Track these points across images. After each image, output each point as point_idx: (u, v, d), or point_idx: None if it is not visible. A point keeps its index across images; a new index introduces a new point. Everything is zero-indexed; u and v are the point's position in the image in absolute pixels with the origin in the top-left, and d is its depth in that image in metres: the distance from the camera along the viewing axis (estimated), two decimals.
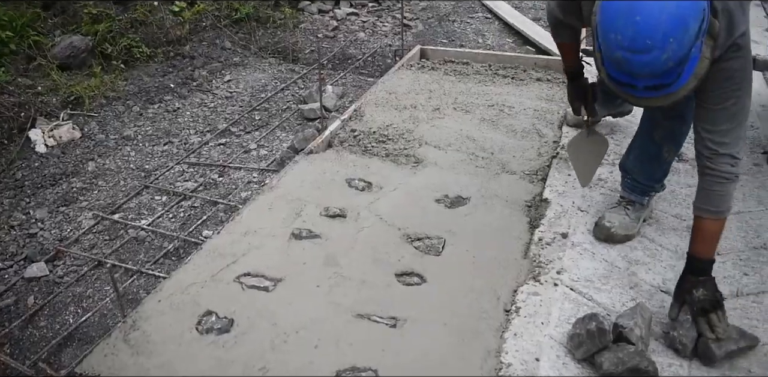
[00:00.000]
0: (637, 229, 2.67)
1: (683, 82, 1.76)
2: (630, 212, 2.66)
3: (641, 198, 2.69)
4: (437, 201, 2.99)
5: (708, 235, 2.10)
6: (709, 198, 2.06)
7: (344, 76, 5.27)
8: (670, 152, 2.57)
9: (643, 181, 2.66)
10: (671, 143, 2.54)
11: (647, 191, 2.69)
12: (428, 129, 3.68)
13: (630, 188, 2.71)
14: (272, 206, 2.96)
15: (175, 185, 3.69)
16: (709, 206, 2.06)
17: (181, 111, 4.59)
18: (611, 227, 2.62)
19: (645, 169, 2.64)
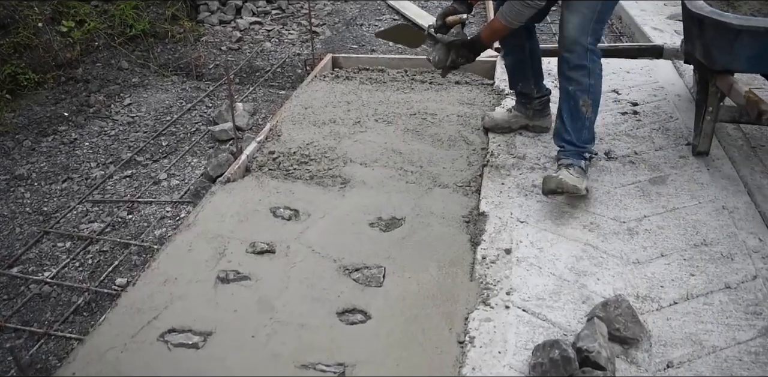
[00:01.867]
0: (584, 185, 2.77)
1: None
2: (572, 171, 2.77)
3: (578, 161, 2.81)
4: (371, 225, 2.80)
5: (493, 27, 2.84)
6: (507, 7, 2.68)
7: (254, 90, 5.00)
8: (587, 107, 2.79)
9: (577, 142, 2.83)
10: (582, 94, 2.77)
11: (582, 153, 2.84)
12: (351, 145, 3.49)
13: (566, 152, 2.86)
14: (192, 246, 2.69)
15: (79, 227, 3.34)
16: (502, 12, 2.71)
17: (79, 142, 4.21)
18: (558, 175, 2.73)
19: (573, 129, 2.83)
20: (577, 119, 2.82)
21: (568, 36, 2.72)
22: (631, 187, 2.98)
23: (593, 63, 2.76)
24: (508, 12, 2.69)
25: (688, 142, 3.33)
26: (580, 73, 2.75)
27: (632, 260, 2.51)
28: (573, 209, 2.82)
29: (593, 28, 2.72)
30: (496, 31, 2.84)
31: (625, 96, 3.91)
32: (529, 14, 2.67)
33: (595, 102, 2.82)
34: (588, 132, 2.85)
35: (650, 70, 4.30)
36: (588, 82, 2.76)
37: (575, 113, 2.81)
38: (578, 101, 2.78)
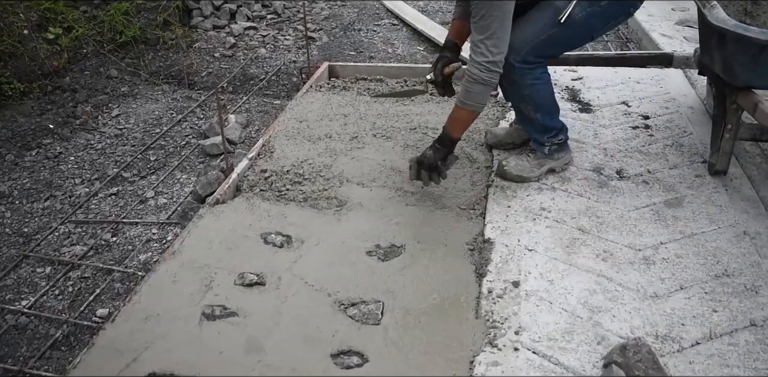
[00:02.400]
0: (536, 174, 2.91)
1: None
2: (530, 159, 2.92)
3: (540, 148, 2.90)
4: (369, 253, 2.62)
5: (453, 117, 2.68)
6: (462, 90, 2.55)
7: (247, 100, 4.82)
8: (529, 110, 2.78)
9: (533, 134, 2.91)
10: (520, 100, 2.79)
11: (542, 142, 2.88)
12: (348, 162, 3.31)
13: (530, 138, 2.96)
14: (176, 277, 2.51)
15: (60, 251, 3.16)
16: (459, 96, 2.59)
17: (64, 156, 4.03)
18: (506, 165, 2.92)
19: (526, 124, 2.93)
20: (526, 118, 2.85)
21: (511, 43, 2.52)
22: (646, 210, 2.80)
23: (524, 75, 2.65)
24: (466, 96, 2.56)
25: (704, 159, 3.15)
26: (510, 84, 2.73)
27: (650, 294, 2.33)
28: (585, 235, 2.64)
29: (526, 52, 2.58)
30: (462, 120, 2.69)
31: (635, 108, 3.72)
32: (489, 92, 2.56)
33: (539, 106, 2.76)
34: (539, 126, 2.83)
35: (661, 80, 4.12)
36: (521, 92, 2.73)
37: (523, 114, 2.85)
38: (519, 105, 2.82)
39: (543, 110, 2.77)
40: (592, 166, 3.14)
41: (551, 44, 2.59)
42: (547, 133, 2.85)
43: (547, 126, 2.84)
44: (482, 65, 2.44)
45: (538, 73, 2.68)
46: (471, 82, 2.49)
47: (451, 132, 2.69)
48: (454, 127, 2.69)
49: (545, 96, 2.76)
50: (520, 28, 2.53)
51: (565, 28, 2.50)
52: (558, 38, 2.57)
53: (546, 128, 2.84)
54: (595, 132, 3.45)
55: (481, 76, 2.45)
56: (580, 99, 3.87)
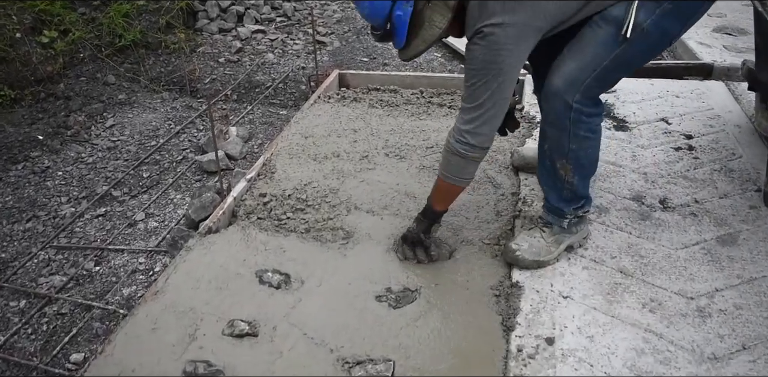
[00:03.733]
0: (554, 255, 2.35)
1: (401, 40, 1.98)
2: (546, 236, 2.35)
3: (558, 220, 2.34)
4: (378, 298, 2.28)
5: (436, 188, 2.30)
6: (442, 159, 2.18)
7: (251, 110, 4.49)
8: (565, 170, 2.20)
9: (553, 202, 2.33)
10: (559, 157, 2.18)
11: (562, 214, 2.33)
12: (357, 186, 2.97)
13: (546, 207, 2.38)
14: (157, 324, 2.18)
15: (37, 281, 2.85)
16: (440, 167, 2.20)
17: (51, 171, 3.72)
18: (517, 249, 2.32)
19: (550, 187, 2.32)
20: (555, 180, 2.26)
21: (552, 83, 2.03)
22: (696, 248, 2.44)
23: (579, 125, 2.08)
24: (445, 167, 2.18)
25: (758, 187, 2.79)
26: (557, 133, 2.12)
27: (707, 356, 1.98)
28: (628, 279, 2.29)
29: (588, 85, 2.00)
30: (444, 192, 2.29)
31: (676, 126, 3.36)
32: (471, 167, 2.15)
33: (579, 168, 2.20)
34: (570, 193, 2.27)
35: (702, 94, 3.76)
36: (567, 145, 2.13)
37: (551, 174, 2.25)
38: (554, 163, 2.20)
39: (582, 173, 2.22)
40: (631, 194, 2.79)
41: (617, 68, 2.00)
42: (574, 202, 2.30)
43: (578, 194, 2.28)
44: (460, 136, 2.06)
45: (594, 125, 2.12)
46: (449, 152, 2.12)
47: (434, 204, 2.34)
48: (436, 199, 2.33)
49: (592, 158, 2.21)
50: (572, 56, 2.00)
51: (632, 43, 1.91)
52: (625, 58, 1.97)
53: (576, 196, 2.28)
54: (633, 154, 3.10)
55: (456, 148, 2.08)
56: (614, 115, 3.51)
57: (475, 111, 2.00)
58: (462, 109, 2.05)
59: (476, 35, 1.90)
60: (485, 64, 1.92)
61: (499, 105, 2.00)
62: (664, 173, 2.96)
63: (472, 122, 2.02)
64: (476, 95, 1.98)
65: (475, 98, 1.98)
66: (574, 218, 2.33)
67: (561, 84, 2.01)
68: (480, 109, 1.99)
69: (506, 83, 1.95)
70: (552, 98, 2.05)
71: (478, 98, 1.98)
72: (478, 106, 1.99)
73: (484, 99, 1.97)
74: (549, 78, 2.05)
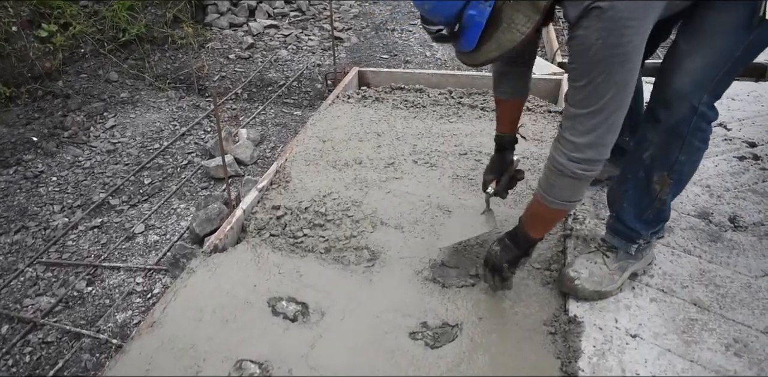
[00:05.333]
0: (617, 285, 2.01)
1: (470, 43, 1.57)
2: (609, 262, 2.02)
3: (626, 245, 2.01)
4: (412, 336, 1.94)
5: (533, 212, 1.85)
6: (544, 180, 1.72)
7: (263, 110, 4.16)
8: (663, 184, 1.86)
9: (629, 222, 1.97)
10: (662, 168, 1.83)
11: (635, 238, 1.99)
12: (383, 198, 2.64)
13: (614, 229, 2.04)
14: (152, 363, 1.86)
15: (22, 303, 2.53)
16: (541, 188, 1.74)
17: (45, 177, 3.41)
18: (576, 278, 1.98)
19: (632, 203, 1.95)
20: (642, 196, 1.91)
21: (675, 85, 1.69)
22: None
23: (696, 133, 1.75)
24: (549, 190, 1.71)
25: None
26: (670, 141, 1.78)
27: None
28: (704, 314, 1.95)
29: (718, 81, 1.69)
30: (544, 218, 1.84)
31: (736, 132, 3.01)
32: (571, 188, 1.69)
33: (678, 183, 1.88)
34: (654, 214, 1.94)
35: (759, 97, 3.40)
36: (676, 156, 1.79)
37: (642, 188, 1.89)
38: (652, 175, 1.85)
39: (676, 190, 1.91)
40: (696, 211, 2.44)
41: (744, 59, 1.67)
42: (653, 225, 1.98)
43: (662, 216, 1.97)
44: (576, 152, 1.61)
45: (709, 133, 1.80)
46: (556, 174, 1.66)
47: (530, 231, 1.86)
48: (533, 225, 1.86)
49: (693, 173, 1.89)
50: (697, 49, 1.66)
51: (764, 29, 1.58)
52: (754, 48, 1.65)
53: (658, 218, 1.96)
54: None
55: (572, 169, 1.62)
56: None
57: (594, 117, 1.56)
58: (571, 117, 1.60)
59: (588, 14, 1.46)
60: (606, 51, 1.48)
61: (625, 103, 1.57)
62: (729, 186, 2.61)
63: (591, 131, 1.57)
64: (595, 96, 1.54)
65: (594, 99, 1.54)
66: (646, 243, 1.99)
67: (688, 84, 1.66)
68: (601, 113, 1.55)
69: (632, 73, 1.52)
70: (676, 102, 1.69)
71: (598, 99, 1.54)
72: (599, 110, 1.55)
73: (608, 99, 1.53)
74: (669, 79, 1.70)
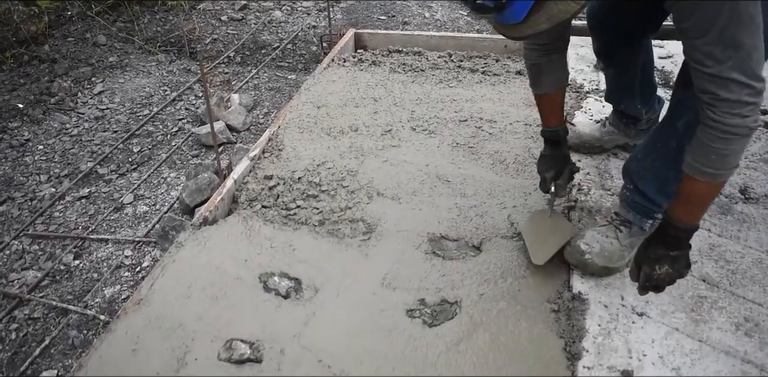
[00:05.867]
0: (626, 261, 1.91)
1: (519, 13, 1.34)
2: (622, 237, 1.91)
3: (641, 220, 1.91)
4: (410, 313, 1.86)
5: (696, 198, 1.55)
6: (706, 156, 1.46)
7: (257, 74, 4.02)
8: None
9: (650, 194, 1.84)
10: None
11: (652, 212, 1.88)
12: (379, 167, 2.53)
13: (629, 202, 1.91)
14: (138, 344, 1.78)
15: (8, 277, 2.46)
16: (706, 166, 1.46)
17: (32, 145, 3.29)
18: (586, 252, 1.87)
19: (656, 175, 1.80)
20: (669, 166, 1.72)
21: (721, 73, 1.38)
22: None
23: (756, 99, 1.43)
24: (720, 163, 1.45)
25: None
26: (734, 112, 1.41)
27: None
28: (714, 291, 1.87)
29: None
30: (706, 198, 1.56)
31: None
32: (743, 148, 1.45)
33: None
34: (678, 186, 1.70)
35: None
36: None
37: (672, 157, 1.68)
38: (684, 144, 1.59)
39: None
40: None
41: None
42: None
43: None
44: (742, 104, 1.37)
45: None
46: (726, 140, 1.42)
47: (694, 220, 1.59)
48: (697, 213, 1.59)
49: None
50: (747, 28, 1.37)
51: None
52: None
53: None
54: None
55: (746, 124, 1.39)
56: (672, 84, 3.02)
57: (739, 54, 1.34)
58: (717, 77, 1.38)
59: None
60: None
61: (760, 37, 1.36)
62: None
63: (745, 74, 1.36)
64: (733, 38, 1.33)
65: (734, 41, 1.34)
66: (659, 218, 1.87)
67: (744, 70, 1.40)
68: (747, 49, 1.35)
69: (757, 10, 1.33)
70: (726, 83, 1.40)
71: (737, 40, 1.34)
72: (744, 47, 1.34)
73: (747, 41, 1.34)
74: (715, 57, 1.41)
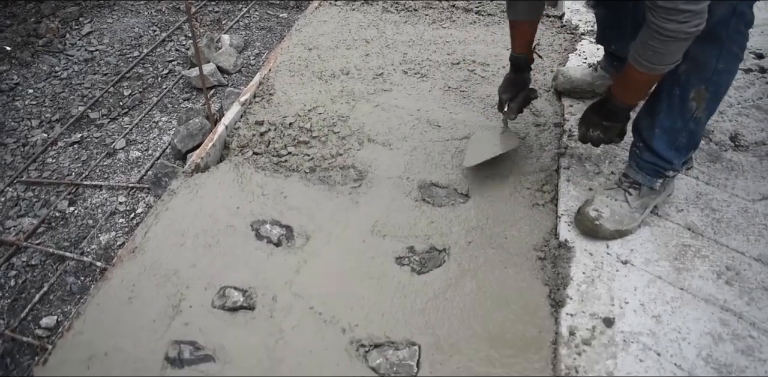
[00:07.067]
0: (638, 222, 1.91)
1: None
2: (631, 199, 1.91)
3: (651, 180, 1.90)
4: (399, 261, 1.90)
5: (633, 84, 1.72)
6: (645, 52, 1.58)
7: (248, 12, 3.92)
8: (700, 100, 1.71)
9: (662, 150, 1.83)
10: (699, 81, 1.68)
11: (661, 170, 1.88)
12: (370, 112, 2.52)
13: (639, 162, 1.90)
14: (134, 292, 1.83)
15: (4, 224, 2.49)
16: (644, 59, 1.59)
17: (21, 89, 3.25)
18: (597, 217, 1.87)
19: (665, 128, 1.80)
20: (676, 116, 1.76)
21: None
22: None
23: (735, 36, 1.63)
24: (656, 59, 1.57)
25: None
26: (706, 47, 1.62)
27: None
28: (698, 240, 1.90)
29: None
30: (643, 84, 1.71)
31: None
32: (680, 49, 1.54)
33: (715, 98, 1.74)
34: (687, 138, 1.81)
35: None
36: (714, 65, 1.65)
37: (677, 106, 1.74)
38: (688, 91, 1.70)
39: (712, 107, 1.76)
40: None
41: None
42: (685, 152, 1.85)
43: (695, 139, 1.83)
44: (678, 11, 1.44)
45: (746, 39, 1.66)
46: (662, 41, 1.51)
47: (628, 101, 1.77)
48: (632, 95, 1.76)
49: (729, 84, 1.75)
50: None
51: None
52: None
53: (692, 142, 1.83)
54: None
55: (682, 29, 1.46)
56: None
57: None
58: None
59: None
60: None
61: None
62: (733, 101, 2.48)
63: None
64: None
65: None
66: (674, 174, 1.89)
67: None
68: None
69: None
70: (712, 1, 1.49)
71: None
72: None
73: None
74: None
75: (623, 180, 1.96)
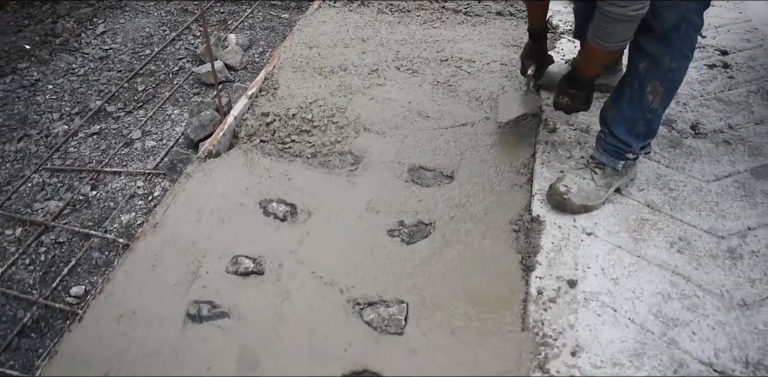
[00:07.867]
0: (603, 199, 2.18)
1: None
2: (597, 178, 2.17)
3: (614, 161, 2.16)
4: (390, 233, 2.15)
5: (592, 59, 2.03)
6: (597, 31, 1.86)
7: (251, 13, 4.17)
8: (655, 94, 1.99)
9: (621, 135, 2.11)
10: (655, 77, 1.97)
11: (622, 153, 2.14)
12: (366, 104, 2.77)
13: (604, 145, 2.18)
14: (157, 260, 2.08)
15: (32, 207, 2.73)
16: (597, 37, 1.88)
17: (41, 85, 3.49)
18: (565, 192, 2.14)
19: (625, 117, 2.09)
20: (635, 107, 2.04)
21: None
22: (729, 181, 2.28)
23: (685, 39, 1.89)
24: (605, 37, 1.86)
25: None
26: (660, 48, 1.90)
27: (737, 302, 1.88)
28: (655, 215, 2.15)
29: None
30: (600, 59, 2.01)
31: (710, 40, 3.08)
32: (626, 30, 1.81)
33: (669, 92, 2.01)
34: (645, 126, 2.08)
35: (739, 5, 3.42)
36: (668, 64, 1.93)
37: (636, 98, 2.03)
38: (645, 85, 1.98)
39: (667, 100, 2.04)
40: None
41: None
42: (643, 139, 2.13)
43: (652, 128, 2.11)
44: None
45: (695, 42, 1.96)
46: (610, 22, 1.78)
47: (589, 73, 2.09)
48: (592, 67, 2.07)
49: (681, 80, 2.03)
50: None
51: None
52: None
53: (649, 130, 2.11)
54: None
55: (624, 13, 1.73)
56: None
57: None
58: None
59: None
60: None
61: None
62: (696, 94, 2.73)
63: None
64: None
65: None
66: (635, 157, 2.16)
67: None
68: None
69: None
70: (665, 11, 1.81)
71: None
72: None
73: None
74: None
75: (590, 161, 2.21)
